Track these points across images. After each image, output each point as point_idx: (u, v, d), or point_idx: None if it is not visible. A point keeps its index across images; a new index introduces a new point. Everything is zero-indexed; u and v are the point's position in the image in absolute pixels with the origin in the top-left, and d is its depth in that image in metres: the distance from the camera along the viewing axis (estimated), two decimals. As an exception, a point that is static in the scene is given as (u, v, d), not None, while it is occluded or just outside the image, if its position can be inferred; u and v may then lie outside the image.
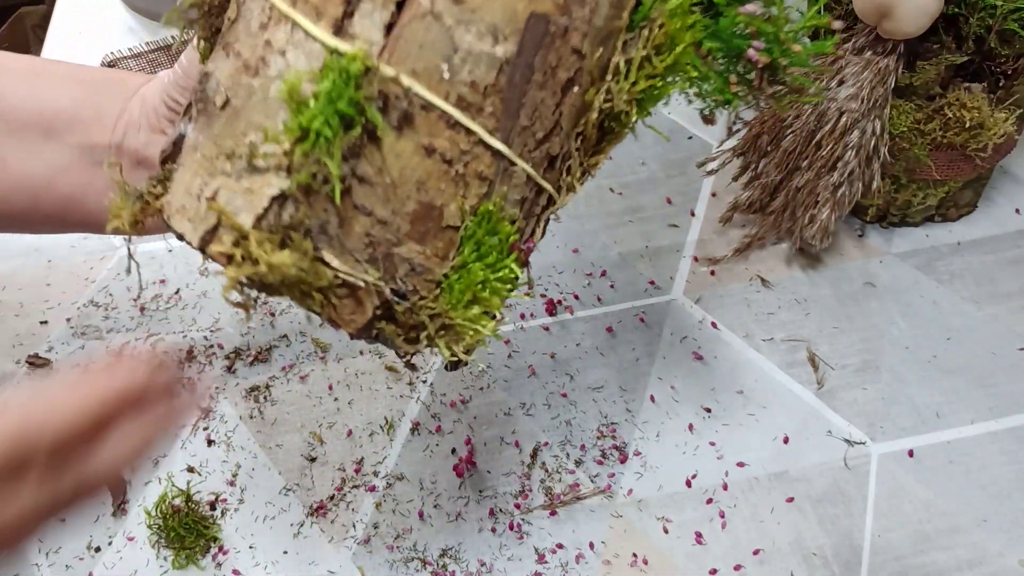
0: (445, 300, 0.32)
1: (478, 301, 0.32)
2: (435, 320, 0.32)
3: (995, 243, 0.69)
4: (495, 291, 0.32)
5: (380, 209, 0.30)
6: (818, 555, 0.55)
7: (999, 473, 0.57)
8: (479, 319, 0.32)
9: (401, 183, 0.30)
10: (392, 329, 0.31)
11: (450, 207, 0.31)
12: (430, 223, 0.31)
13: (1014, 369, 0.62)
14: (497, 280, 0.32)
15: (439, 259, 0.32)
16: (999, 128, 0.60)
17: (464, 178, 0.31)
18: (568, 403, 0.61)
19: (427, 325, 0.32)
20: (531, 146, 0.32)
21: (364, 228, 0.30)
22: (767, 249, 0.69)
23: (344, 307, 0.30)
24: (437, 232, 0.31)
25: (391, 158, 0.30)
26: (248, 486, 0.58)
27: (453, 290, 0.32)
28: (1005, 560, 0.54)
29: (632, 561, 0.55)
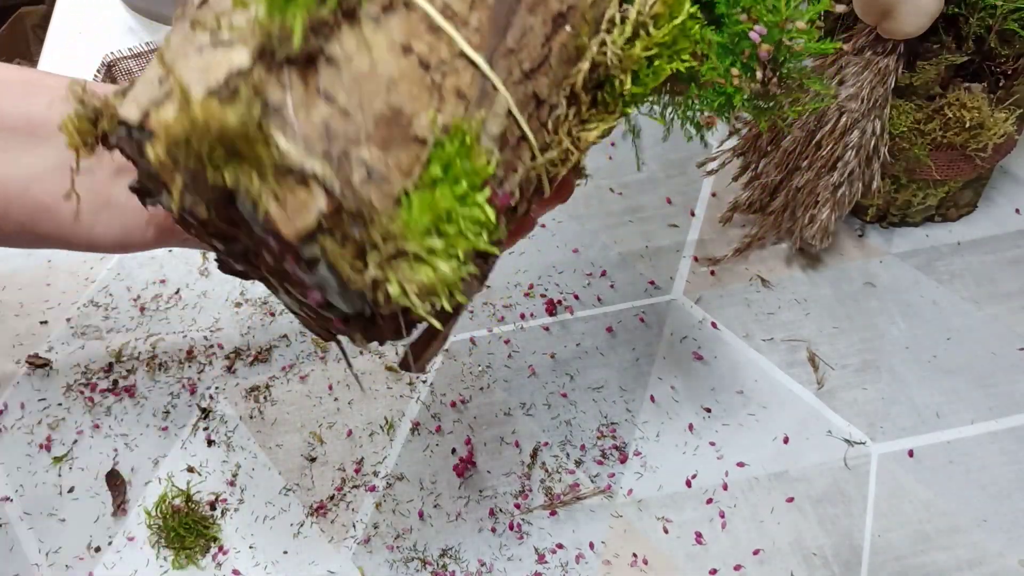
0: (402, 219, 0.27)
1: (441, 234, 0.28)
2: (388, 242, 0.27)
3: (995, 243, 0.69)
4: (461, 230, 0.28)
5: (344, 98, 0.27)
6: (818, 555, 0.55)
7: (999, 473, 0.57)
8: (440, 255, 0.28)
9: (371, 77, 0.27)
10: (337, 249, 0.27)
11: (421, 117, 0.28)
12: (396, 130, 0.28)
13: (1014, 369, 0.62)
14: (465, 217, 0.28)
15: (401, 173, 0.28)
16: (999, 128, 0.60)
17: (440, 90, 0.28)
18: (568, 403, 0.61)
19: (379, 245, 0.27)
20: (516, 76, 0.30)
21: (323, 117, 0.27)
22: (767, 249, 0.69)
23: (286, 202, 0.26)
24: (403, 142, 0.28)
25: (364, 47, 0.27)
26: (248, 486, 0.58)
27: (412, 209, 0.27)
28: (1005, 560, 0.54)
29: (632, 561, 0.55)
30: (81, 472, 0.59)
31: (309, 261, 0.27)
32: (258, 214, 0.26)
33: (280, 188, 0.26)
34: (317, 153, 0.26)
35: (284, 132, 0.26)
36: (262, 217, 0.26)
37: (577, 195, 0.73)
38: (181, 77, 0.26)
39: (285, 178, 0.26)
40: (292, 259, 0.28)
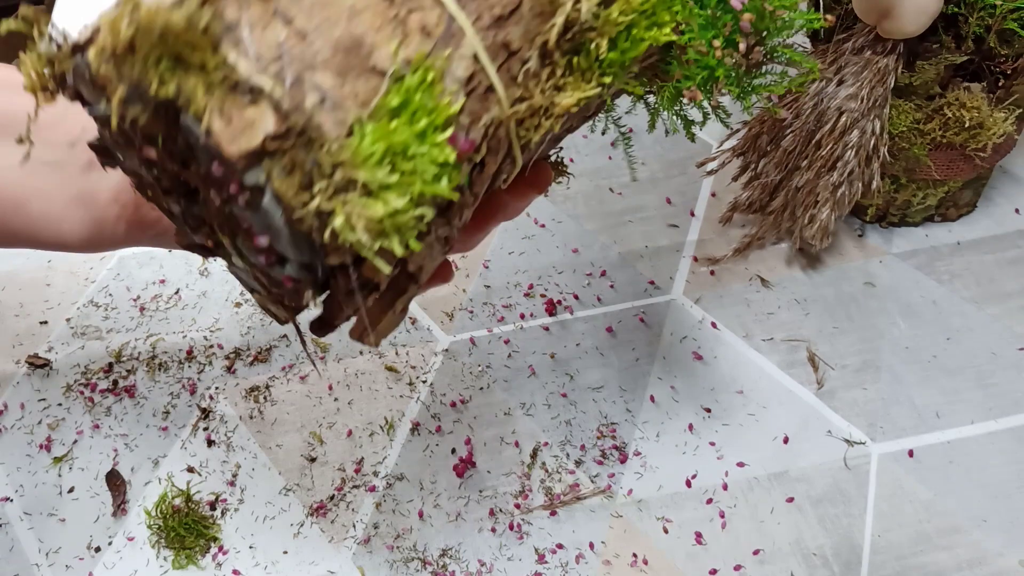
0: (353, 147, 0.25)
1: (395, 168, 0.26)
2: (337, 171, 0.25)
3: (995, 243, 0.69)
4: (418, 169, 0.26)
5: (303, 21, 0.26)
6: (818, 555, 0.55)
7: (999, 473, 0.57)
8: (394, 190, 0.26)
9: (333, 2, 0.26)
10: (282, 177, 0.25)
11: (381, 49, 0.27)
12: (355, 59, 0.26)
13: (1014, 369, 0.62)
14: (423, 155, 0.26)
15: (356, 102, 0.26)
16: (999, 128, 0.60)
17: (404, 24, 0.27)
18: (568, 403, 0.61)
19: (327, 173, 0.25)
20: (486, 21, 0.29)
21: (278, 38, 0.25)
22: (767, 249, 0.69)
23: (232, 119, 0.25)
24: (361, 72, 0.26)
25: None
26: (248, 486, 0.58)
27: (365, 138, 0.26)
28: (1005, 560, 0.54)
29: (632, 561, 0.55)
30: (81, 472, 0.59)
31: (253, 189, 0.26)
32: (201, 129, 0.25)
33: (226, 103, 0.25)
34: (269, 72, 0.25)
35: (236, 47, 0.25)
36: (205, 133, 0.25)
37: (577, 195, 0.73)
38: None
39: (232, 94, 0.25)
40: (236, 189, 0.26)
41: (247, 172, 0.25)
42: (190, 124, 0.25)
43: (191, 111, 0.25)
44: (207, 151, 0.25)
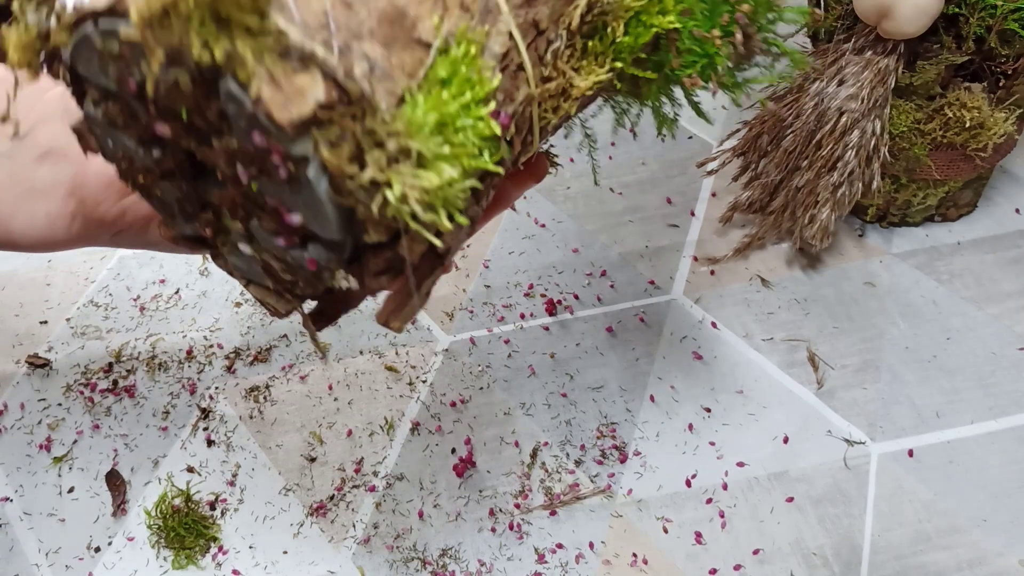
0: (406, 117, 0.25)
1: (445, 138, 0.26)
2: (391, 140, 0.25)
3: (995, 243, 0.69)
4: (465, 142, 0.26)
5: None
6: (818, 555, 0.55)
7: (999, 473, 0.57)
8: (447, 161, 0.26)
9: None
10: (330, 148, 0.25)
11: (425, 21, 0.27)
12: (400, 30, 0.26)
13: (1014, 369, 0.62)
14: (469, 128, 0.26)
15: (404, 73, 0.26)
16: (999, 128, 0.60)
17: (444, 1, 0.27)
18: (568, 403, 0.61)
19: (383, 139, 0.25)
20: (517, 0, 0.29)
21: (324, 5, 0.25)
22: (767, 249, 0.69)
23: (281, 87, 0.24)
24: (407, 43, 0.26)
25: None
26: (248, 486, 0.58)
27: (418, 107, 0.25)
28: (1005, 560, 0.54)
29: (632, 561, 0.55)
30: (81, 472, 0.59)
31: (298, 160, 0.25)
32: (248, 96, 0.24)
33: (276, 70, 0.24)
34: (317, 39, 0.24)
35: (283, 12, 0.24)
36: (253, 100, 0.24)
37: (577, 195, 0.73)
38: None
39: (282, 60, 0.24)
40: (278, 158, 0.25)
41: (295, 142, 0.25)
42: (234, 91, 0.24)
43: (239, 77, 0.24)
44: (251, 120, 0.25)
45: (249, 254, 0.31)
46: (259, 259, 0.31)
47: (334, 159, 0.25)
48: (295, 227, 0.28)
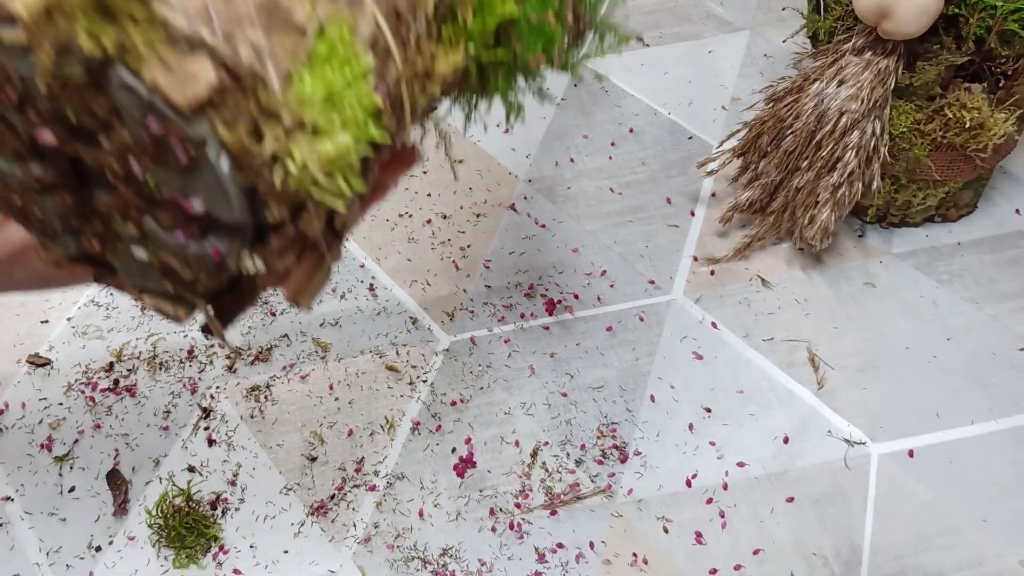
0: (296, 92, 0.26)
1: (336, 109, 0.27)
2: (284, 112, 0.26)
3: (995, 243, 0.69)
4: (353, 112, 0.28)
5: None
6: (818, 555, 0.55)
7: (999, 473, 0.57)
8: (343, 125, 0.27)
9: None
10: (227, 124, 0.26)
11: (298, 9, 0.28)
12: (277, 18, 0.27)
13: (1014, 369, 0.62)
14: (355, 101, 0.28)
15: (288, 54, 0.27)
16: (999, 128, 0.60)
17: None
18: (568, 403, 0.61)
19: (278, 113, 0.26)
20: None
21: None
22: (767, 249, 0.69)
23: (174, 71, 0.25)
24: (285, 28, 0.27)
25: None
26: (249, 486, 0.58)
27: (306, 82, 0.27)
28: (1005, 560, 0.54)
29: (632, 561, 0.55)
30: (82, 472, 0.59)
31: (197, 143, 0.26)
32: (143, 83, 0.25)
33: (166, 56, 0.25)
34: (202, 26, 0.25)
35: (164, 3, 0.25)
36: (149, 86, 0.25)
37: (577, 195, 0.73)
38: None
39: (171, 46, 0.25)
40: (177, 142, 0.26)
41: (192, 123, 0.25)
42: (127, 80, 0.25)
43: (131, 65, 0.25)
44: (146, 107, 0.25)
45: (144, 259, 0.31)
46: (156, 262, 0.31)
47: (233, 137, 0.26)
48: (196, 216, 0.28)
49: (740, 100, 0.78)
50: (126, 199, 0.29)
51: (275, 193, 0.27)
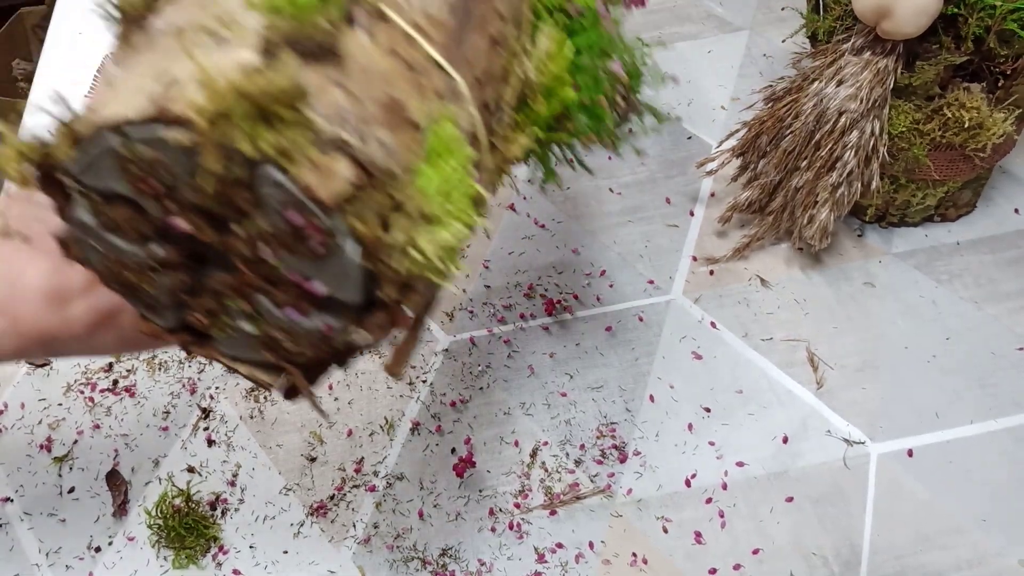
0: (419, 185, 0.30)
1: (450, 200, 0.30)
2: (411, 204, 0.29)
3: (994, 243, 0.69)
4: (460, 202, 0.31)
5: (352, 85, 0.29)
6: (817, 555, 0.55)
7: (998, 473, 0.57)
8: (455, 215, 0.30)
9: (370, 70, 0.30)
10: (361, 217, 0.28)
11: (413, 105, 0.31)
12: (396, 116, 0.30)
13: (1013, 369, 0.62)
14: (460, 190, 0.31)
15: (408, 149, 0.30)
16: (998, 128, 0.60)
17: (422, 88, 0.32)
18: (568, 403, 0.61)
19: (406, 208, 0.29)
20: (470, 81, 0.34)
21: (336, 99, 0.28)
22: (766, 249, 0.69)
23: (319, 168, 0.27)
24: (404, 125, 0.30)
25: (361, 49, 0.30)
26: (248, 486, 0.58)
27: (425, 176, 0.30)
28: (1005, 560, 0.54)
29: (632, 561, 0.55)
30: (81, 472, 0.59)
31: (330, 232, 0.28)
32: (292, 181, 0.27)
33: (313, 156, 0.27)
34: (340, 127, 0.28)
35: (311, 107, 0.27)
36: (300, 185, 0.27)
37: (577, 195, 0.73)
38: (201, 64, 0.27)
39: (317, 147, 0.27)
40: (314, 232, 0.28)
41: (332, 217, 0.28)
42: (277, 178, 0.27)
43: (283, 165, 0.27)
44: (290, 202, 0.28)
45: (251, 332, 0.33)
46: (262, 335, 0.33)
47: (365, 228, 0.28)
48: (315, 296, 0.31)
49: (739, 100, 0.78)
50: (245, 279, 0.32)
51: (393, 276, 0.29)
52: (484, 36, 0.35)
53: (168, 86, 0.27)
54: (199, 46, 0.28)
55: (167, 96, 0.27)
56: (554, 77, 0.38)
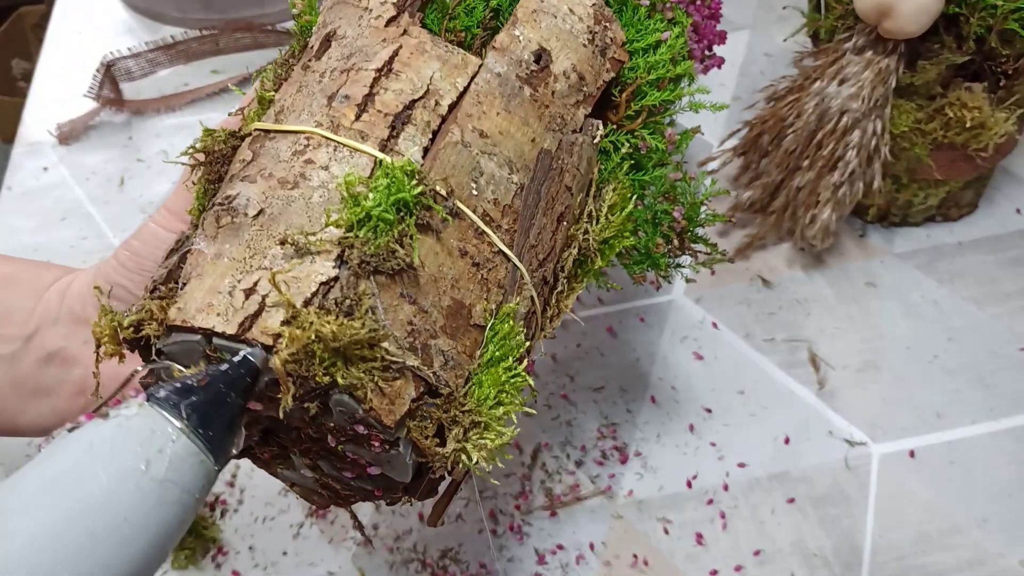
0: (476, 396, 0.32)
1: (501, 403, 0.33)
2: (466, 416, 0.32)
3: (996, 243, 0.69)
4: (511, 398, 0.33)
5: (422, 299, 0.32)
6: (819, 556, 0.54)
7: (1000, 473, 0.57)
8: (501, 422, 0.33)
9: (440, 278, 0.32)
10: (420, 428, 0.31)
11: (477, 307, 0.33)
12: (461, 320, 0.33)
13: (1015, 369, 0.62)
14: (512, 386, 0.33)
15: (467, 356, 0.33)
16: (1000, 128, 0.60)
17: (487, 283, 0.34)
18: (568, 404, 0.61)
19: (460, 420, 0.32)
20: (534, 265, 0.36)
21: (407, 316, 0.31)
22: (768, 249, 0.69)
23: (386, 395, 0.30)
24: (466, 329, 0.33)
25: (432, 255, 0.32)
26: (247, 487, 0.58)
27: (483, 386, 0.33)
28: (1006, 560, 0.54)
29: (632, 562, 0.55)
30: (80, 473, 0.59)
31: (392, 442, 0.31)
32: (360, 407, 0.29)
33: (379, 382, 0.30)
34: (405, 347, 0.30)
35: (386, 336, 0.30)
36: (365, 409, 0.29)
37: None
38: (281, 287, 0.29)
39: (383, 372, 0.30)
40: (376, 441, 0.31)
41: (394, 432, 0.30)
42: (346, 402, 0.29)
43: (356, 394, 0.29)
44: (357, 419, 0.30)
45: (309, 476, 0.36)
46: (319, 479, 0.36)
47: (422, 438, 0.31)
48: (370, 473, 0.33)
49: (741, 99, 0.78)
50: (310, 447, 0.34)
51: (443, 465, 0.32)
52: (552, 217, 0.37)
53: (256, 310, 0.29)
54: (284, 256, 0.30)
55: (254, 321, 0.29)
56: (616, 229, 0.40)
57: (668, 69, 0.42)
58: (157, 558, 0.27)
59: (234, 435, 0.29)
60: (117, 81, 0.82)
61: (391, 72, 0.35)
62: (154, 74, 0.84)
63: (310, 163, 0.33)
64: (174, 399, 0.27)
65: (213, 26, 0.85)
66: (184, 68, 0.85)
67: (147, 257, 0.39)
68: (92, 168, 0.78)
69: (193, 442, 0.27)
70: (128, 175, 0.77)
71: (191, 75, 0.84)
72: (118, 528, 0.25)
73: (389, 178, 0.31)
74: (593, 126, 0.39)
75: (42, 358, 0.40)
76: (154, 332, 0.31)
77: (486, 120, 0.35)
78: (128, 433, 0.26)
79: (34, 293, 0.41)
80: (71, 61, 0.85)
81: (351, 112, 0.34)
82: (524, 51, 0.37)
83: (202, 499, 0.28)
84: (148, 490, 0.25)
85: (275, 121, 0.35)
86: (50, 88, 0.84)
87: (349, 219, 0.30)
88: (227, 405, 0.28)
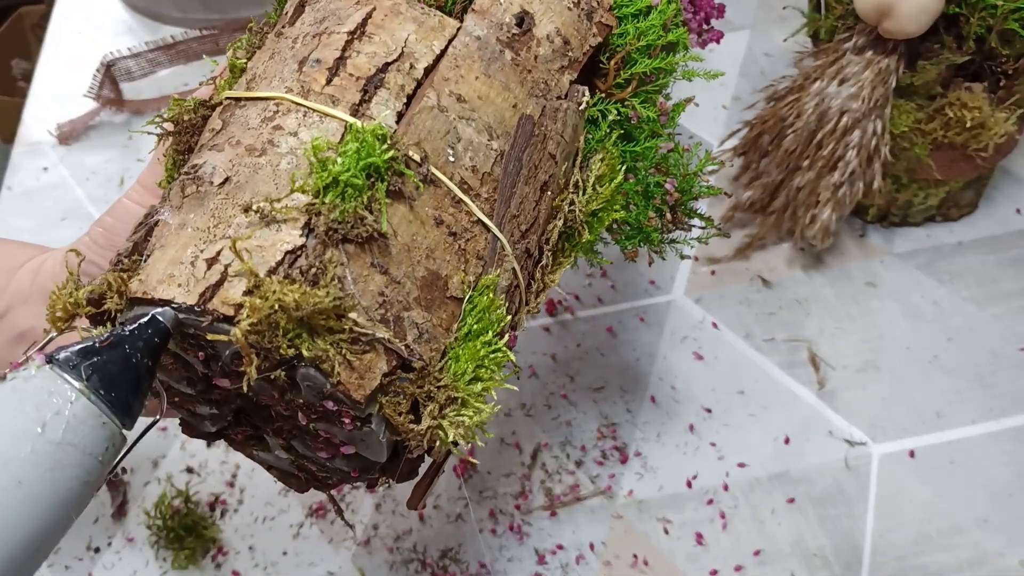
0: (452, 371, 0.31)
1: (479, 378, 0.31)
2: (441, 392, 0.31)
3: (996, 243, 0.69)
4: (491, 374, 0.32)
5: (394, 269, 0.30)
6: (819, 556, 0.54)
7: (1000, 473, 0.57)
8: (480, 398, 0.31)
9: (413, 247, 0.31)
10: (392, 404, 0.30)
11: (454, 279, 0.32)
12: (436, 292, 0.32)
13: (1015, 369, 0.62)
14: (492, 360, 0.32)
15: (444, 329, 0.32)
16: (1000, 128, 0.60)
17: (465, 254, 0.33)
18: (568, 404, 0.61)
19: (435, 396, 0.30)
20: (516, 236, 0.34)
21: (378, 287, 0.30)
22: (768, 249, 0.69)
23: (355, 368, 0.28)
24: (442, 301, 0.32)
25: (405, 224, 0.31)
26: (247, 487, 0.58)
27: (459, 360, 0.31)
28: (1006, 560, 0.54)
29: (632, 562, 0.55)
30: (80, 473, 0.59)
31: (364, 419, 0.30)
32: (328, 380, 0.28)
33: (349, 354, 0.28)
34: (376, 319, 0.29)
35: (353, 306, 0.28)
36: (333, 383, 0.28)
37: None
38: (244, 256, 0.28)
39: (352, 344, 0.28)
40: (347, 418, 0.30)
41: (365, 408, 0.29)
42: (313, 375, 0.28)
43: (321, 368, 0.28)
44: (326, 395, 0.29)
45: (285, 458, 0.35)
46: (295, 460, 0.35)
47: (395, 414, 0.30)
48: (344, 452, 0.32)
49: (741, 99, 0.78)
50: (282, 426, 0.33)
51: (417, 445, 0.31)
52: (535, 186, 0.35)
53: (218, 280, 0.28)
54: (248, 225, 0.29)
55: (216, 292, 0.28)
56: (604, 201, 0.38)
57: (659, 35, 0.40)
58: (59, 523, 0.26)
59: (141, 397, 0.28)
60: (117, 81, 0.82)
61: (364, 35, 0.33)
62: (154, 74, 0.84)
63: (279, 129, 0.32)
64: (74, 360, 0.26)
65: (213, 26, 0.85)
66: (184, 68, 0.85)
67: (119, 234, 0.38)
68: (92, 168, 0.78)
69: (94, 403, 0.26)
70: (128, 175, 0.77)
71: (191, 75, 0.84)
72: (11, 491, 0.24)
73: (359, 142, 0.30)
74: (579, 92, 0.37)
75: (13, 338, 0.39)
76: (115, 306, 0.30)
77: (464, 84, 0.34)
78: (24, 395, 0.25)
79: (6, 272, 0.40)
80: (71, 61, 0.85)
81: (322, 76, 0.33)
82: (505, 14, 0.36)
83: (109, 462, 0.27)
84: (44, 452, 0.25)
85: (247, 89, 0.34)
86: (50, 88, 0.84)
87: (316, 185, 0.29)
88: (133, 366, 0.27)
